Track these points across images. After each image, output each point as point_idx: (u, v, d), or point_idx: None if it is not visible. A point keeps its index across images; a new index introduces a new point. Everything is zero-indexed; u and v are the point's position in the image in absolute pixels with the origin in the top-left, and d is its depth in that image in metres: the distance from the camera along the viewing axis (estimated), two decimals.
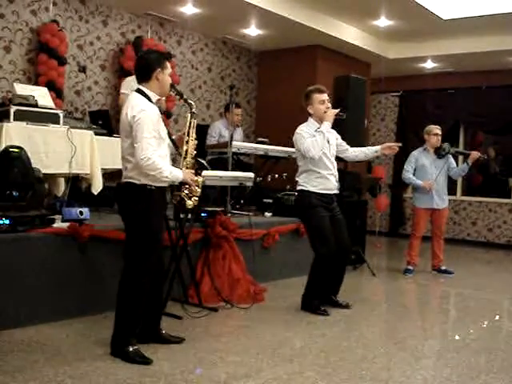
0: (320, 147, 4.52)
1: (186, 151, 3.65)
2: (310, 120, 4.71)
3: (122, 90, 6.60)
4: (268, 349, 3.73)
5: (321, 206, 4.61)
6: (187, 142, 3.65)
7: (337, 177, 4.74)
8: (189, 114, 3.70)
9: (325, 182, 4.63)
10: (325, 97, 4.66)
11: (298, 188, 4.71)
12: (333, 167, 4.69)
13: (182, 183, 3.56)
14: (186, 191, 3.61)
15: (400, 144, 4.91)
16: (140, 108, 3.37)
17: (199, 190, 3.64)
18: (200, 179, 3.65)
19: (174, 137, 3.78)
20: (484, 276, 7.19)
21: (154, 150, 3.32)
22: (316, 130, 4.60)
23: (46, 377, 3.07)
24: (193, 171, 3.59)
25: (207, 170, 3.79)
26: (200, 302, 4.66)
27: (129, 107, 3.42)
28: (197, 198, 3.65)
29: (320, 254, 4.62)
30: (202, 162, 3.72)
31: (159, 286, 3.70)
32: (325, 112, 4.61)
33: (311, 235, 4.71)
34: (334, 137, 4.81)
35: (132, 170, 3.42)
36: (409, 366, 3.55)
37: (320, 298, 4.76)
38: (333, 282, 4.86)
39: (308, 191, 4.62)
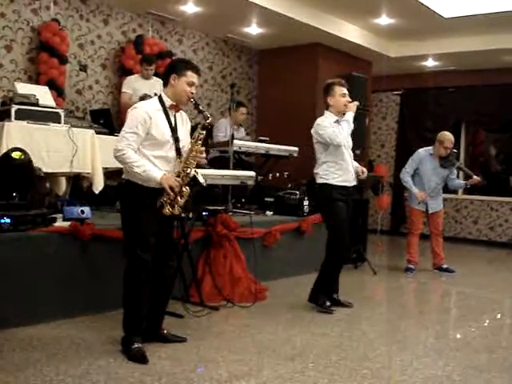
0: (346, 135, 4.57)
1: (186, 161, 3.48)
2: (327, 113, 4.69)
3: (123, 89, 6.60)
4: (269, 347, 3.74)
5: (340, 200, 4.62)
6: (189, 153, 3.49)
7: (354, 168, 4.75)
8: (199, 125, 3.52)
9: (344, 173, 4.64)
10: (346, 90, 4.67)
11: (319, 181, 4.69)
12: (350, 160, 4.71)
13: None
14: (166, 197, 3.42)
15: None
16: (134, 106, 3.52)
17: (181, 201, 3.45)
18: (187, 192, 3.46)
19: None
20: (485, 275, 7.18)
21: (128, 143, 3.37)
22: (338, 120, 4.62)
23: (47, 376, 3.08)
24: (179, 179, 3.42)
25: (201, 186, 3.57)
26: (201, 300, 4.66)
27: None
28: (179, 209, 3.46)
29: (336, 248, 4.66)
30: (197, 176, 3.52)
31: (162, 287, 3.69)
32: (345, 105, 4.62)
33: (330, 229, 4.72)
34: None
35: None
36: (410, 364, 3.54)
37: (327, 294, 4.78)
38: (333, 279, 4.86)
39: (329, 184, 4.62)
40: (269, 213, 6.46)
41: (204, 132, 3.51)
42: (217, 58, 8.87)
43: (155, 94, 4.01)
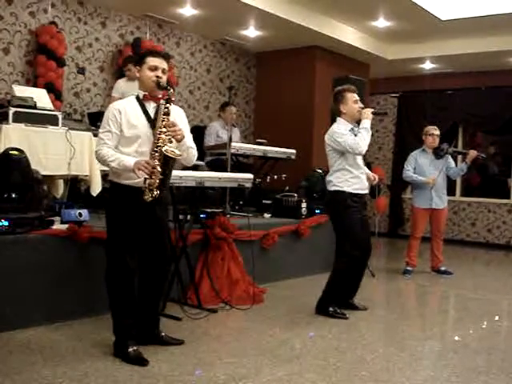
0: (367, 142, 4.47)
1: (155, 140, 3.35)
2: (340, 120, 4.62)
3: (112, 93, 6.57)
4: (267, 350, 3.73)
5: (354, 207, 4.55)
6: (156, 131, 3.37)
7: (365, 176, 4.71)
8: (163, 100, 3.45)
9: (358, 181, 4.58)
10: (357, 96, 4.62)
11: (332, 189, 4.60)
12: (363, 167, 4.67)
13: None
14: (147, 183, 3.32)
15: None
16: (108, 107, 3.53)
17: (155, 180, 3.30)
18: (158, 169, 3.30)
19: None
20: (483, 276, 7.19)
21: (103, 143, 3.40)
22: (353, 128, 4.57)
23: (45, 378, 3.07)
24: (149, 160, 3.30)
25: (174, 159, 3.43)
26: (199, 303, 4.66)
27: None
28: (157, 191, 3.31)
29: (351, 256, 4.55)
30: (166, 153, 3.37)
31: (154, 288, 3.67)
32: (358, 111, 4.57)
33: (342, 236, 4.61)
34: None
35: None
36: (408, 366, 3.54)
37: (337, 302, 4.69)
38: (351, 285, 4.80)
39: (343, 192, 4.54)
40: (267, 215, 6.46)
41: (168, 105, 3.39)
42: (215, 61, 8.88)
43: None
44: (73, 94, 7.05)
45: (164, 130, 3.36)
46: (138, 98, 3.51)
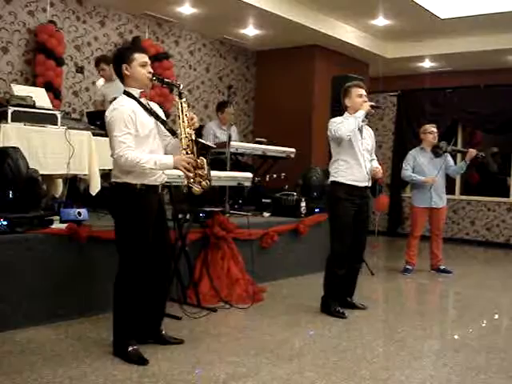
0: (350, 128, 4.49)
1: (185, 135, 3.46)
2: (346, 114, 4.69)
3: (96, 98, 6.52)
4: (267, 349, 3.73)
5: (347, 200, 4.58)
6: (184, 126, 3.47)
7: (368, 170, 4.67)
8: (176, 96, 3.55)
9: (353, 172, 4.59)
10: (363, 92, 4.69)
11: (330, 180, 4.71)
12: (363, 160, 4.64)
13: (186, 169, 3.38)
14: (189, 178, 3.40)
15: None
16: (113, 107, 3.39)
17: (205, 172, 3.42)
18: (204, 160, 3.45)
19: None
20: (483, 275, 7.19)
21: (127, 146, 3.29)
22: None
23: (45, 378, 3.07)
24: (190, 154, 3.40)
25: (211, 147, 3.56)
26: (199, 302, 4.66)
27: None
28: (208, 182, 3.44)
29: (333, 250, 4.63)
30: (202, 141, 3.52)
31: (160, 287, 3.68)
32: (361, 105, 4.63)
33: (331, 228, 4.71)
34: (369, 134, 4.84)
35: (114, 168, 3.46)
36: (408, 365, 3.54)
37: (338, 299, 4.72)
38: (346, 283, 4.81)
39: (337, 183, 4.61)
40: (266, 214, 6.46)
41: (184, 99, 3.50)
42: (214, 60, 8.88)
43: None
44: (72, 93, 7.05)
45: (188, 123, 3.46)
46: (132, 96, 3.44)
